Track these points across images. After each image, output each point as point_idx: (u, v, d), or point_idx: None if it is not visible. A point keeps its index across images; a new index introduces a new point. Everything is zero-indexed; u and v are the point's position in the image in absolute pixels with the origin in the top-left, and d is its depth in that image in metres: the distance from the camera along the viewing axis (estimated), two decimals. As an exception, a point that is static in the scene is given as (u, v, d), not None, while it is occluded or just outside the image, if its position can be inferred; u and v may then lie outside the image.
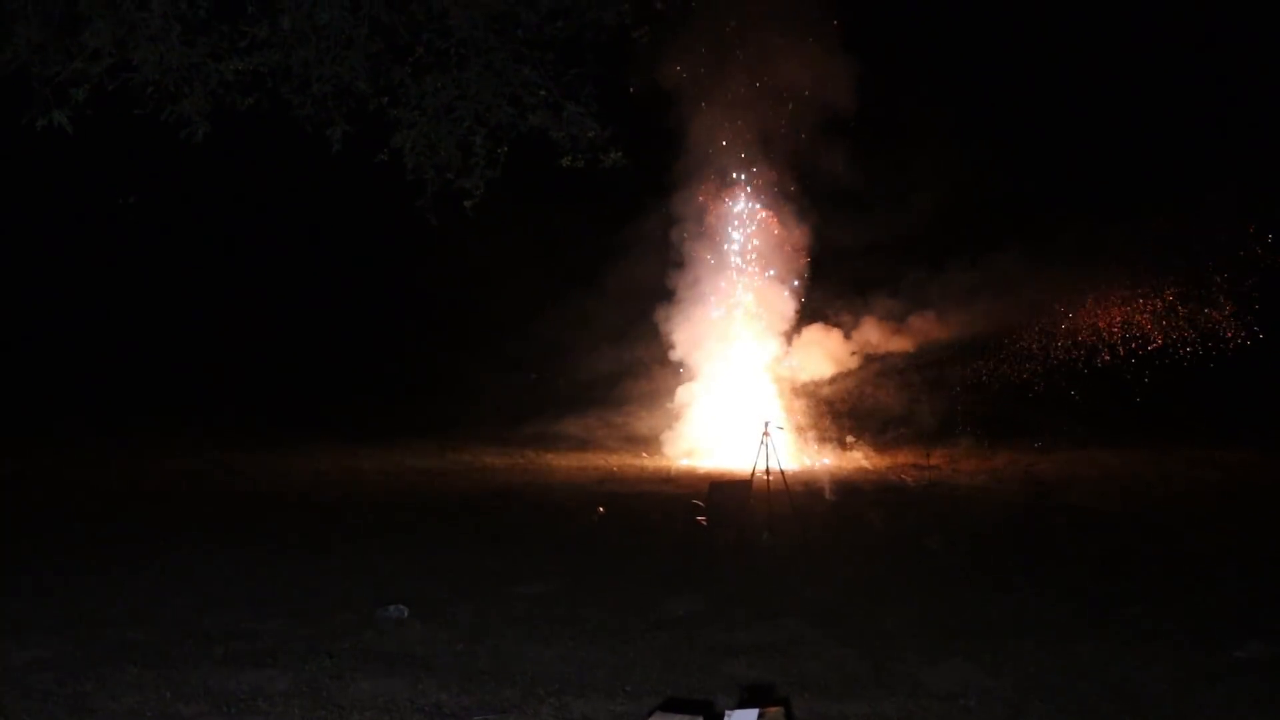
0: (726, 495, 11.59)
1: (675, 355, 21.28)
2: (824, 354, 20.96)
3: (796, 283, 21.34)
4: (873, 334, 20.97)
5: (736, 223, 21.42)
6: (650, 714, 5.46)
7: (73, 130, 6.41)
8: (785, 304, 21.14)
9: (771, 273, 21.23)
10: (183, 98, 6.45)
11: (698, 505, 12.81)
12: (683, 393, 21.08)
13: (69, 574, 10.18)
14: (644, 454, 20.50)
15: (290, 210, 25.76)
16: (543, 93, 6.74)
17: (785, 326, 21.17)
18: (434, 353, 25.94)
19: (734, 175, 21.27)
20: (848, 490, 15.89)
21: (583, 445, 21.52)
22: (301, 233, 26.83)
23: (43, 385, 24.53)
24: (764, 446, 12.48)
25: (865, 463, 19.13)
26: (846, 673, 7.57)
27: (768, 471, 12.41)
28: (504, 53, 6.72)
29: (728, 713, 5.11)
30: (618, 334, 22.34)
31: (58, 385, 24.58)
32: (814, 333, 21.11)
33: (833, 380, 21.03)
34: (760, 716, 5.20)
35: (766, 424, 12.73)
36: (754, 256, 21.28)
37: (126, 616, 8.75)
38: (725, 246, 21.38)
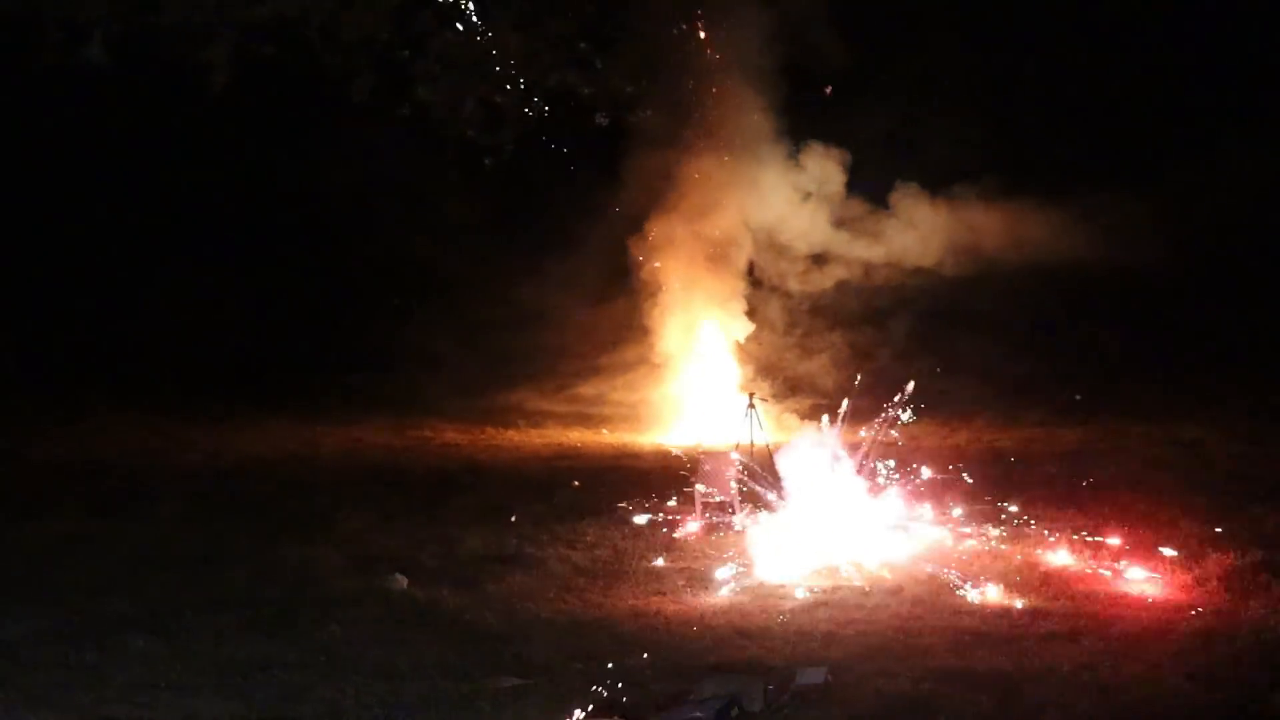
0: (717, 466, 11.57)
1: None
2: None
3: None
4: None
5: None
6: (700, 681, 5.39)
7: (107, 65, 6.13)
8: None
9: None
10: (209, 43, 6.22)
11: (686, 475, 12.75)
12: (653, 364, 20.79)
13: (45, 547, 9.88)
14: (605, 430, 20.35)
15: (229, 168, 24.81)
16: (582, 46, 6.62)
17: None
18: (386, 320, 25.27)
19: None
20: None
21: (542, 421, 21.22)
22: (235, 190, 25.70)
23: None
24: (749, 419, 12.49)
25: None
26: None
27: (751, 444, 12.42)
28: (536, 6, 6.59)
29: (800, 670, 5.08)
30: (593, 299, 22.05)
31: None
32: None
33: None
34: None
35: (752, 396, 12.74)
36: None
37: (113, 587, 8.54)
38: None
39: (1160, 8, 21.93)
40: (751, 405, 12.62)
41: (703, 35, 19.28)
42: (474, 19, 6.56)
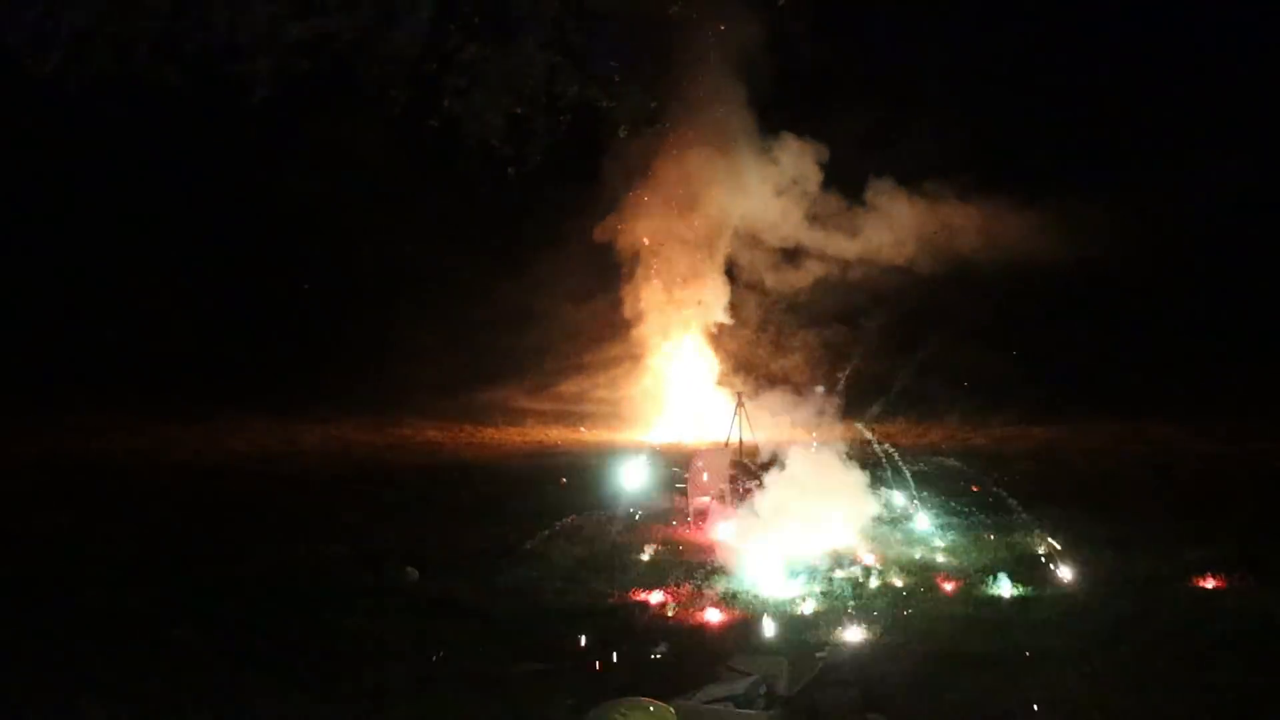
0: (710, 463, 11.90)
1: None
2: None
3: None
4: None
5: None
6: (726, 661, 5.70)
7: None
8: None
9: None
10: (254, 57, 6.47)
11: (676, 472, 13.05)
12: (634, 358, 21.03)
13: (54, 543, 10.02)
14: (583, 428, 20.61)
15: (210, 170, 24.76)
16: (613, 64, 6.93)
17: None
18: (359, 319, 25.30)
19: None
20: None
21: (522, 419, 21.43)
22: (215, 191, 25.63)
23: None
24: (737, 417, 12.81)
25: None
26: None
27: (741, 441, 12.74)
28: (563, 23, 6.88)
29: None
30: (575, 298, 22.25)
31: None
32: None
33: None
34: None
35: (740, 395, 13.07)
36: None
37: (136, 581, 8.71)
38: None
39: (1135, 15, 22.54)
40: (740, 404, 12.95)
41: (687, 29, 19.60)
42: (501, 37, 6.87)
